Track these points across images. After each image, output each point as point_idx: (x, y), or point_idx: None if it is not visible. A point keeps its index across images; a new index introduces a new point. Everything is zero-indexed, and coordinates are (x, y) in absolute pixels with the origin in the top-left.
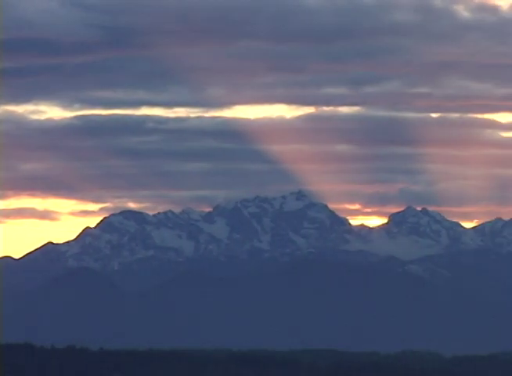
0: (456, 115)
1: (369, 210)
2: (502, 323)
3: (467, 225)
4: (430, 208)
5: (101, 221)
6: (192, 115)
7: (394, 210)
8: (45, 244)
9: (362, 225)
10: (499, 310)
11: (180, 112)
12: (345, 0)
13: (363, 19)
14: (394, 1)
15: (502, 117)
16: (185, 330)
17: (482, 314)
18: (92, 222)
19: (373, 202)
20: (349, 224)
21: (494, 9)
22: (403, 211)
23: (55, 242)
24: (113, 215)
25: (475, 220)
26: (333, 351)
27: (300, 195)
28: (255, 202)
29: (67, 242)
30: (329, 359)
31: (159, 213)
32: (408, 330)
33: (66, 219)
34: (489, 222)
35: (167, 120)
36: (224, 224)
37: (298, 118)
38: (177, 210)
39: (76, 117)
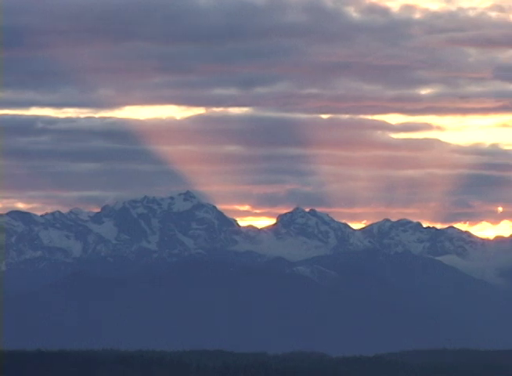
0: (346, 116)
1: (258, 211)
2: (389, 324)
3: (356, 226)
4: (319, 209)
5: None
6: (81, 116)
7: (284, 211)
8: None
9: (251, 226)
10: (386, 311)
11: (70, 112)
12: (235, 0)
13: (253, 20)
14: (285, 1)
15: (392, 119)
16: (73, 330)
17: (369, 315)
18: None
19: (263, 203)
20: (237, 225)
21: (384, 11)
22: (291, 212)
23: None
24: (0, 215)
25: (364, 221)
26: (221, 352)
27: (188, 196)
28: (143, 203)
29: None
30: (217, 360)
31: (47, 213)
32: (296, 331)
33: None
34: (377, 223)
35: (56, 120)
36: (112, 225)
37: (188, 119)
38: (65, 210)
39: None
